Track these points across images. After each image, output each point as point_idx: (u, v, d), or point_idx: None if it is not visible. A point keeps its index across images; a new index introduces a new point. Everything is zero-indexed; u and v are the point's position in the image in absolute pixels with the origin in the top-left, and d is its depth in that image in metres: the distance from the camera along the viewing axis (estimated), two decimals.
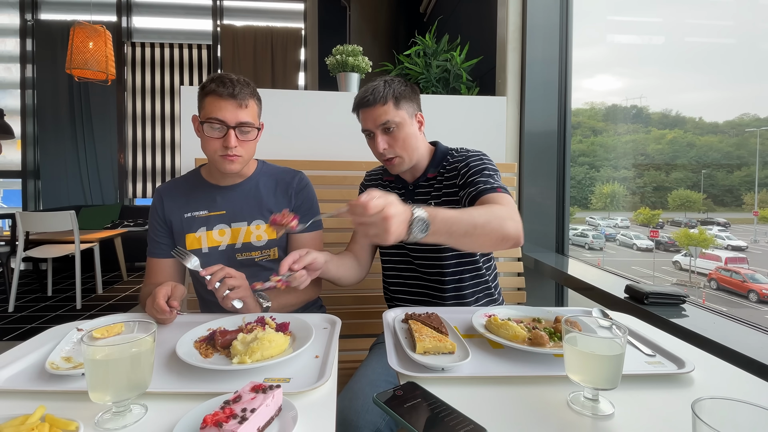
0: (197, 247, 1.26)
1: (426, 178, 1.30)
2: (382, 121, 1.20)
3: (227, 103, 1.15)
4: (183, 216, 1.27)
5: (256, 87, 1.25)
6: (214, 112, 1.15)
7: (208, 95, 1.17)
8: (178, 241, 1.28)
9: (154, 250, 1.30)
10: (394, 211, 0.80)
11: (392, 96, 1.20)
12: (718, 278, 1.84)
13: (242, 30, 6.12)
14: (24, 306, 3.89)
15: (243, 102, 1.16)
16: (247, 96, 1.18)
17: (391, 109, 1.20)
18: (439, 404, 0.61)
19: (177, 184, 1.33)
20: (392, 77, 1.26)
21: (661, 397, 0.68)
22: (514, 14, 2.08)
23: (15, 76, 5.98)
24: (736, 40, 1.63)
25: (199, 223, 1.27)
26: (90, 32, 4.09)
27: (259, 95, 1.26)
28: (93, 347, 0.60)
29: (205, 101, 1.18)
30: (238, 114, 1.16)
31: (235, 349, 0.78)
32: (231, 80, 1.16)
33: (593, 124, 2.32)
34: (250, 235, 1.27)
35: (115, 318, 0.96)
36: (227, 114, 1.15)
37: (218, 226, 1.27)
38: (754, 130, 1.61)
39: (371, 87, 1.22)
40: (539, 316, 0.98)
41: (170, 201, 1.29)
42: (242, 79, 1.19)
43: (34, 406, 0.59)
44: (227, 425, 0.52)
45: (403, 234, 0.84)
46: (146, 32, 6.29)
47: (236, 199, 1.28)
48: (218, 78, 1.17)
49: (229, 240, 1.27)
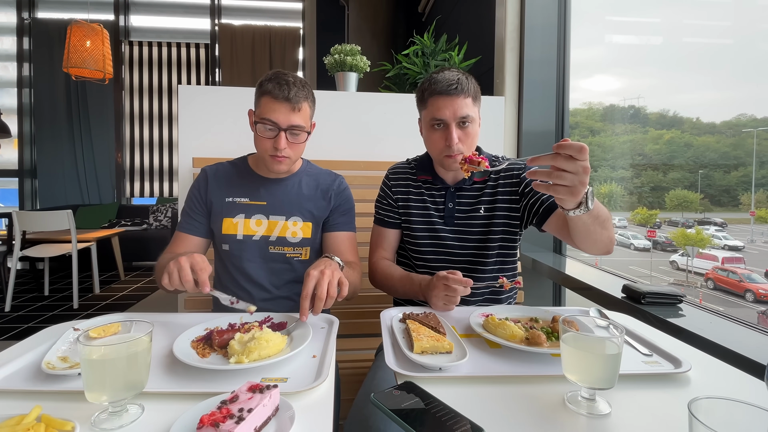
0: (233, 232, 1.27)
1: (472, 181, 1.27)
2: (463, 114, 1.15)
3: (281, 106, 1.16)
4: (224, 199, 1.29)
5: (310, 87, 1.25)
6: (267, 113, 1.16)
7: (264, 95, 1.18)
8: (215, 223, 1.29)
9: (186, 225, 1.30)
10: (589, 168, 0.79)
11: (473, 91, 1.17)
12: (715, 278, 1.84)
13: (240, 29, 6.10)
14: (20, 305, 3.87)
15: (297, 105, 1.17)
16: (302, 99, 1.18)
17: (470, 104, 1.16)
18: (437, 404, 0.61)
19: (224, 168, 1.34)
20: (466, 72, 1.21)
21: (658, 397, 0.68)
22: (513, 14, 2.08)
23: (12, 75, 5.95)
24: (734, 41, 1.64)
25: (239, 210, 1.28)
26: (87, 31, 4.07)
27: (314, 96, 1.27)
28: (89, 347, 0.60)
29: (261, 100, 1.19)
30: (291, 117, 1.16)
31: (233, 348, 0.78)
32: (287, 82, 1.16)
33: (591, 124, 2.33)
34: (286, 230, 1.28)
35: (112, 318, 0.95)
36: (280, 116, 1.16)
37: (256, 216, 1.28)
38: (751, 130, 1.61)
39: (453, 76, 1.16)
40: (537, 315, 0.98)
41: (215, 182, 1.30)
42: (299, 81, 1.19)
43: (30, 406, 0.58)
44: (224, 425, 0.52)
45: (581, 196, 0.82)
46: (144, 31, 6.27)
47: (278, 193, 1.30)
48: (275, 78, 1.17)
49: (265, 231, 1.28)
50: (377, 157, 1.91)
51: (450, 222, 1.27)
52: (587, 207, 0.85)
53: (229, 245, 1.28)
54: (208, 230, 1.32)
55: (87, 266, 4.43)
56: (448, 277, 1.02)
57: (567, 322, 0.70)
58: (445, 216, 1.27)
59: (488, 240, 1.25)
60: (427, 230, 1.29)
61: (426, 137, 1.24)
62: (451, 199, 1.27)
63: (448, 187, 1.28)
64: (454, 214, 1.27)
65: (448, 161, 1.19)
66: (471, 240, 1.26)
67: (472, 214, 1.26)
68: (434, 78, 1.18)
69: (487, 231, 1.25)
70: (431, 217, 1.28)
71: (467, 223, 1.26)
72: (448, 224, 1.27)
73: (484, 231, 1.25)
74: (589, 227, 0.94)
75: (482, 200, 1.26)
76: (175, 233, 1.31)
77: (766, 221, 1.69)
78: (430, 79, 1.19)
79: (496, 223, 1.25)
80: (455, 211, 1.27)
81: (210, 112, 1.86)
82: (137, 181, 6.25)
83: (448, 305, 1.05)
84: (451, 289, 1.01)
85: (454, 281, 1.01)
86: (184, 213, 1.32)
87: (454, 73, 1.17)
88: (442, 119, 1.16)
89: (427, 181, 1.31)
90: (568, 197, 0.81)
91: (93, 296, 4.21)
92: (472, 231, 1.26)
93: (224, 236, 1.28)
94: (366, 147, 1.95)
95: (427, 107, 1.20)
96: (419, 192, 1.31)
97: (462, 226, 1.26)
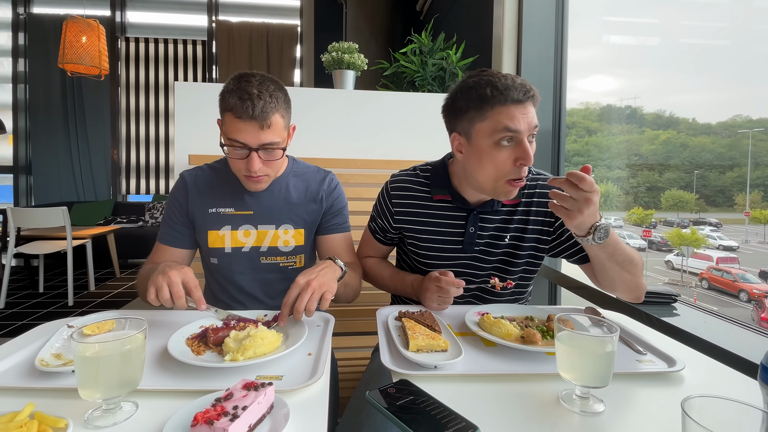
0: (220, 246, 1.19)
1: (501, 204, 1.10)
2: (535, 124, 0.96)
3: (247, 125, 1.03)
4: (207, 211, 1.19)
5: (282, 88, 1.10)
6: (233, 134, 1.04)
7: (228, 112, 1.05)
8: (200, 235, 1.20)
9: (167, 236, 1.21)
10: (596, 199, 0.82)
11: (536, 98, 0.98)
12: (710, 278, 1.85)
13: (238, 26, 6.08)
14: (15, 302, 3.85)
15: (265, 122, 1.04)
16: (270, 113, 1.04)
17: (534, 112, 0.97)
18: (432, 402, 0.61)
19: (204, 175, 1.22)
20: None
21: (652, 395, 0.68)
22: (510, 13, 2.08)
23: (7, 71, 5.91)
24: (731, 42, 1.64)
25: (224, 221, 1.18)
26: (83, 26, 4.04)
27: (287, 96, 1.11)
28: (83, 344, 0.59)
29: (225, 117, 1.07)
30: (261, 136, 1.04)
31: (228, 346, 0.78)
32: (251, 96, 1.02)
33: (588, 124, 2.33)
34: (278, 239, 1.20)
35: (106, 315, 0.95)
36: (248, 137, 1.04)
37: (244, 227, 1.19)
38: (747, 131, 1.62)
39: (521, 80, 0.96)
40: (532, 314, 0.99)
41: (195, 191, 1.20)
42: (266, 89, 1.04)
43: (22, 403, 0.58)
44: (218, 423, 0.52)
45: (588, 226, 0.86)
46: (140, 27, 6.23)
47: (265, 201, 1.20)
48: (237, 90, 1.03)
49: (254, 242, 1.19)
50: (374, 155, 1.91)
51: (470, 249, 1.12)
52: (594, 239, 0.88)
53: (217, 259, 1.20)
54: (192, 241, 1.23)
55: (82, 263, 4.41)
56: (441, 278, 1.00)
57: (562, 320, 0.70)
58: (464, 242, 1.11)
59: (510, 265, 1.13)
60: (439, 256, 1.14)
61: (482, 158, 0.98)
62: (473, 223, 1.10)
63: (471, 209, 1.10)
64: (475, 240, 1.11)
65: (512, 188, 0.99)
66: (488, 265, 1.13)
67: (496, 242, 1.12)
68: (497, 82, 0.95)
69: (509, 261, 1.13)
70: (447, 243, 1.13)
71: (488, 251, 1.12)
72: (467, 251, 1.12)
73: (505, 260, 1.13)
74: (605, 263, 0.96)
75: (510, 227, 1.11)
76: (157, 244, 1.22)
77: (760, 222, 1.70)
78: (490, 83, 0.95)
79: (522, 247, 1.11)
80: (476, 237, 1.11)
81: (206, 109, 1.85)
82: (133, 178, 6.22)
83: (441, 305, 1.04)
84: (443, 290, 1.00)
85: (447, 282, 0.99)
86: (165, 223, 1.22)
87: (512, 75, 0.98)
88: (516, 130, 0.94)
89: (445, 200, 1.12)
90: (567, 220, 0.86)
91: (88, 293, 4.19)
92: (492, 259, 1.13)
93: (211, 250, 1.19)
94: (363, 145, 1.95)
95: (489, 117, 0.95)
96: (432, 214, 1.14)
97: (482, 253, 1.12)
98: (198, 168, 1.25)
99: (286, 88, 1.14)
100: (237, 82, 1.05)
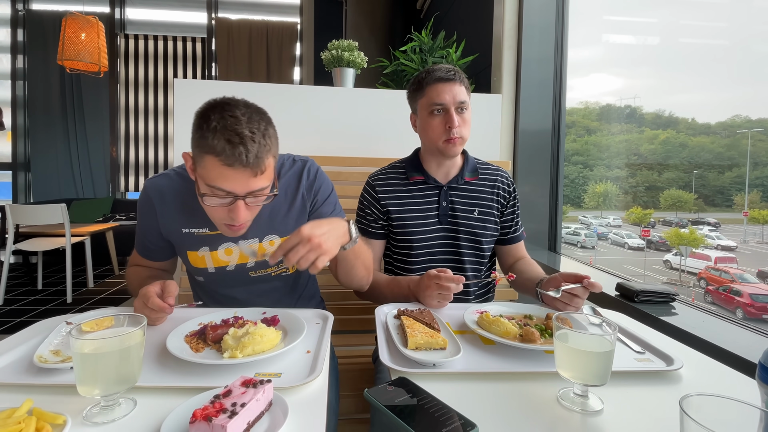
0: (202, 266, 1.09)
1: (464, 181, 1.30)
2: (461, 99, 1.21)
3: (237, 173, 0.86)
4: (181, 231, 1.07)
5: (269, 120, 0.94)
6: (217, 181, 0.87)
7: (210, 155, 0.86)
8: (180, 253, 1.12)
9: (143, 250, 1.15)
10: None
11: (466, 83, 1.24)
12: (708, 277, 1.86)
13: (237, 23, 6.06)
14: (13, 299, 3.84)
15: (259, 169, 0.88)
16: (264, 155, 0.88)
17: (465, 91, 1.23)
18: (430, 399, 0.62)
19: (171, 188, 1.07)
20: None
21: (650, 394, 0.69)
22: (511, 12, 2.08)
23: (5, 67, 5.88)
24: (730, 42, 1.65)
25: (200, 242, 1.07)
26: (82, 23, 4.03)
27: (275, 128, 0.95)
28: (81, 340, 0.59)
29: (205, 160, 0.87)
30: (251, 183, 0.89)
31: (226, 343, 0.78)
32: (243, 138, 0.85)
33: (587, 123, 2.33)
34: (264, 252, 1.09)
35: (105, 312, 0.95)
36: (237, 185, 0.88)
37: (224, 245, 1.07)
38: (746, 131, 1.62)
39: (448, 66, 1.24)
40: (531, 312, 0.99)
41: (163, 210, 1.07)
42: (256, 130, 0.87)
43: (21, 399, 0.58)
44: (217, 420, 0.52)
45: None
46: (140, 24, 6.20)
47: None
48: (223, 130, 0.85)
49: (239, 260, 1.09)
50: (373, 153, 1.91)
51: (444, 220, 1.29)
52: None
53: (203, 277, 1.12)
54: (171, 251, 1.14)
55: (81, 260, 4.41)
56: (440, 276, 1.02)
57: (560, 319, 0.70)
58: (439, 215, 1.29)
59: (481, 236, 1.29)
60: (422, 231, 1.29)
61: (424, 125, 1.25)
62: (444, 198, 1.29)
63: (441, 186, 1.30)
64: (448, 212, 1.29)
65: (449, 146, 1.21)
66: (463, 235, 1.29)
67: (467, 215, 1.29)
68: (431, 68, 1.23)
69: (480, 232, 1.29)
70: (426, 217, 1.29)
71: (461, 222, 1.29)
72: (442, 222, 1.29)
73: (476, 232, 1.29)
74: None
75: (470, 200, 1.30)
76: (134, 252, 1.15)
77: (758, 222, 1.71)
78: (426, 71, 1.24)
79: (489, 221, 1.31)
80: (449, 209, 1.29)
81: None
82: (132, 176, 6.20)
83: (442, 302, 1.05)
84: (444, 287, 1.01)
85: (446, 279, 1.01)
86: (140, 236, 1.11)
87: (445, 65, 1.24)
88: (442, 103, 1.20)
89: (419, 181, 1.30)
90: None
91: (87, 290, 4.18)
92: (466, 230, 1.29)
93: (195, 269, 1.11)
94: (362, 143, 1.95)
95: (425, 95, 1.23)
96: (411, 194, 1.30)
97: (456, 225, 1.29)
98: (163, 176, 1.09)
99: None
100: (220, 117, 0.86)
